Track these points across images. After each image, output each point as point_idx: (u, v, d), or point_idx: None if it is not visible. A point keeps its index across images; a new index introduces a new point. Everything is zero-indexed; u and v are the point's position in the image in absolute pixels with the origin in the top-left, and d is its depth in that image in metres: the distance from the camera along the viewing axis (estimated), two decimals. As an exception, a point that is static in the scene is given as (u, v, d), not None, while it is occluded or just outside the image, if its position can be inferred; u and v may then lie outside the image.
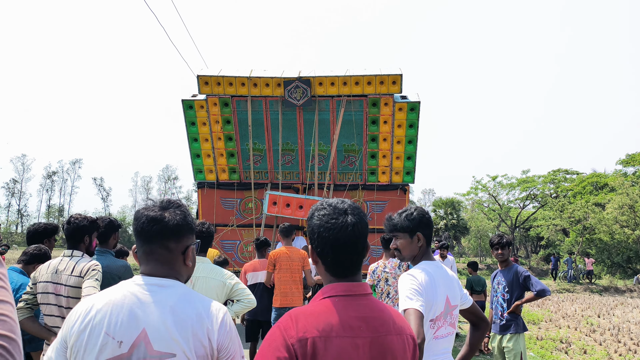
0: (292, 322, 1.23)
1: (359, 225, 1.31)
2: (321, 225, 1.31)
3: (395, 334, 1.29)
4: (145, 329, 1.28)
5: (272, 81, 7.16)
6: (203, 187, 8.31)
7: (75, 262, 2.90)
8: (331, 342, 1.20)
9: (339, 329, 1.22)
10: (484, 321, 2.27)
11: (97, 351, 1.26)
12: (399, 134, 7.42)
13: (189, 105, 7.66)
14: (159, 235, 1.37)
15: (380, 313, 1.30)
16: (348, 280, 1.32)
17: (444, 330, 2.08)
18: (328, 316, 1.24)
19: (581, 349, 8.65)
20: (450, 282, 2.13)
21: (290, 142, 7.86)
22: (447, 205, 38.27)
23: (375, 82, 7.00)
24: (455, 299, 2.12)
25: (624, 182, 25.02)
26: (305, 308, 1.28)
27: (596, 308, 14.97)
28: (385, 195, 7.93)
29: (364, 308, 1.28)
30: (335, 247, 1.29)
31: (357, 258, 1.32)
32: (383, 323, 1.28)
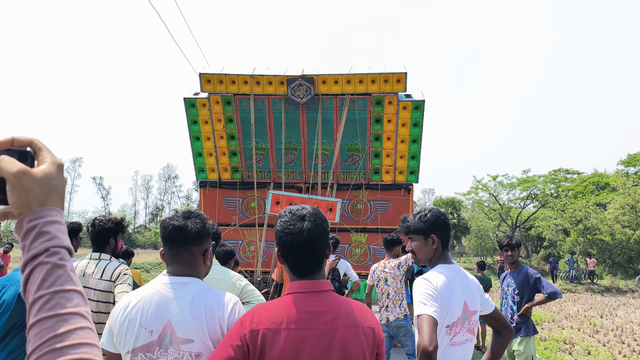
0: (249, 316, 1.40)
1: (315, 230, 1.45)
2: (282, 230, 1.48)
3: (348, 326, 1.39)
4: (170, 319, 1.57)
5: (275, 79, 7.08)
6: (205, 187, 8.24)
7: (104, 265, 2.86)
8: (280, 333, 1.35)
9: (289, 322, 1.36)
10: (507, 327, 2.18)
11: (134, 339, 1.57)
12: (403, 133, 7.34)
13: (190, 104, 7.59)
14: (183, 241, 1.66)
15: (335, 307, 1.41)
16: (307, 279, 1.47)
17: (462, 336, 2.02)
18: (282, 311, 1.39)
19: (585, 350, 8.63)
20: (469, 287, 2.06)
21: (293, 141, 7.79)
22: (447, 204, 38.27)
23: (379, 80, 6.92)
24: (474, 304, 2.06)
25: (626, 182, 25.00)
26: (266, 303, 1.46)
27: (598, 308, 15.02)
28: (389, 195, 7.85)
29: (318, 303, 1.41)
30: (293, 249, 1.45)
31: (314, 259, 1.47)
32: (336, 317, 1.39)
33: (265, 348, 1.33)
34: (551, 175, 33.96)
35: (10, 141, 0.70)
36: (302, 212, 1.49)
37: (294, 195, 7.33)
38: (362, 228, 7.83)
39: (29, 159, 0.70)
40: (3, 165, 0.67)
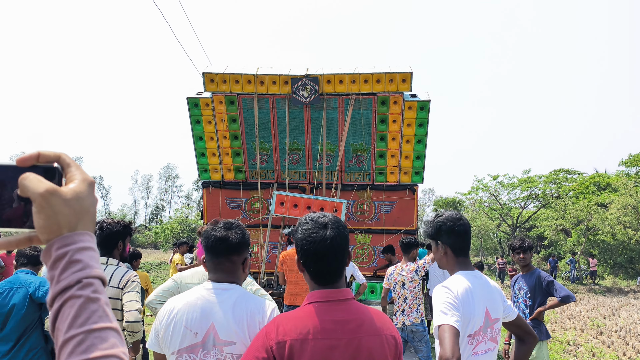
0: (274, 326, 1.39)
1: (338, 238, 1.45)
2: (303, 238, 1.47)
3: (372, 335, 1.39)
4: (213, 323, 1.68)
5: (279, 79, 7.02)
6: (208, 187, 8.19)
7: (111, 271, 2.76)
8: (307, 344, 1.33)
9: (315, 332, 1.35)
10: (530, 335, 2.11)
11: (179, 340, 1.67)
12: (408, 133, 7.28)
13: (194, 103, 7.53)
14: (224, 250, 1.78)
15: (358, 316, 1.41)
16: (329, 287, 1.46)
17: (484, 345, 1.96)
18: (306, 321, 1.38)
19: (590, 352, 8.61)
20: (490, 293, 2.00)
21: (298, 141, 7.73)
22: (448, 204, 38.33)
23: (384, 80, 6.86)
24: (496, 312, 2.00)
25: (628, 183, 24.96)
26: (288, 313, 1.45)
27: (601, 309, 14.99)
28: (394, 196, 7.79)
29: (341, 312, 1.40)
30: (316, 258, 1.44)
31: (336, 268, 1.46)
32: (360, 325, 1.39)
33: (293, 358, 1.32)
34: (552, 176, 33.97)
35: (36, 156, 0.63)
36: (324, 220, 1.48)
37: (298, 196, 7.27)
38: (366, 229, 7.78)
39: (57, 176, 0.63)
40: (29, 185, 0.59)
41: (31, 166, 0.62)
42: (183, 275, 2.81)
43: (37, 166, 0.63)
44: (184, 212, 46.46)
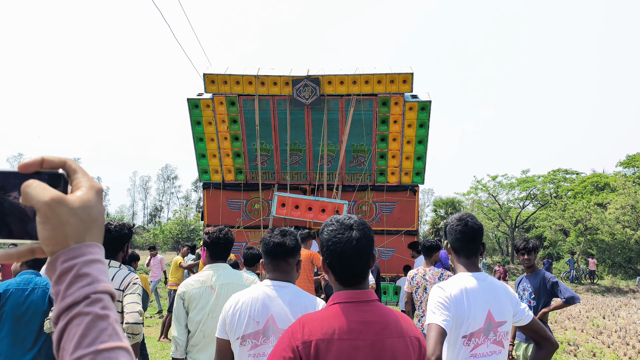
0: (299, 326, 1.40)
1: (363, 239, 1.46)
2: (329, 239, 1.48)
3: (396, 336, 1.40)
4: (272, 314, 1.99)
5: (280, 80, 7.03)
6: (209, 188, 8.19)
7: (113, 273, 2.75)
8: (333, 344, 1.35)
9: (341, 333, 1.36)
10: (548, 340, 2.03)
11: (244, 328, 1.98)
12: (409, 133, 7.30)
13: (194, 104, 7.53)
14: (282, 254, 2.10)
15: (383, 317, 1.42)
16: (354, 288, 1.47)
17: (486, 348, 1.94)
18: (332, 321, 1.39)
19: (590, 352, 8.57)
20: (496, 296, 1.97)
21: (298, 142, 7.73)
22: (447, 205, 38.20)
23: (385, 80, 6.88)
24: (501, 315, 1.96)
25: (626, 183, 25.05)
26: (314, 314, 1.48)
27: (600, 309, 14.89)
28: (395, 197, 7.81)
29: (366, 313, 1.42)
30: (342, 259, 1.45)
31: (361, 269, 1.47)
32: (385, 327, 1.40)
33: (319, 358, 1.34)
34: (550, 176, 34.04)
35: (40, 162, 0.58)
36: (350, 222, 1.49)
37: (299, 197, 7.27)
38: None
39: (62, 183, 0.58)
40: (33, 193, 0.55)
41: (34, 172, 0.58)
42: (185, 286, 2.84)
43: (41, 172, 0.58)
44: (183, 213, 46.32)
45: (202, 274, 2.86)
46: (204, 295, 2.79)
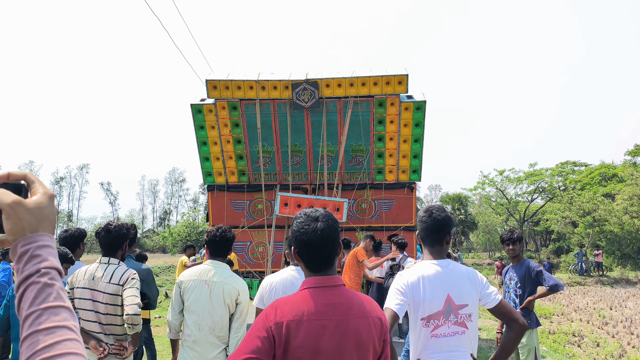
0: (272, 309, 1.55)
1: (327, 230, 1.62)
2: (297, 230, 1.64)
3: (360, 316, 1.56)
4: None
5: (280, 84, 7.22)
6: (213, 190, 8.38)
7: (112, 270, 2.98)
8: (302, 324, 1.50)
9: (309, 314, 1.52)
10: (517, 322, 2.14)
11: None
12: (406, 133, 7.47)
13: (197, 110, 7.73)
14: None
15: (348, 300, 1.58)
16: (321, 275, 1.62)
17: (447, 329, 2.09)
18: (301, 304, 1.54)
19: (594, 342, 8.60)
20: (457, 282, 2.12)
21: (299, 143, 7.93)
22: (454, 200, 38.11)
23: (381, 82, 7.05)
24: (461, 299, 2.11)
25: (634, 173, 24.76)
26: (286, 298, 1.61)
27: (608, 300, 14.83)
28: (393, 194, 7.99)
29: (333, 296, 1.57)
30: (308, 247, 1.61)
31: (327, 256, 1.63)
32: (350, 308, 1.56)
33: (289, 337, 1.48)
34: (558, 168, 33.76)
35: (7, 176, 0.78)
36: (316, 214, 1.65)
37: (301, 196, 7.47)
38: (367, 227, 7.98)
39: (23, 191, 0.77)
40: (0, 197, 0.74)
41: (2, 184, 0.76)
42: (183, 276, 3.06)
43: (8, 184, 0.77)
44: (191, 215, 46.54)
45: (201, 267, 3.05)
46: (198, 288, 2.95)
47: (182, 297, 3.00)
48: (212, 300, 2.91)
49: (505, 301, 2.19)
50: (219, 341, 2.93)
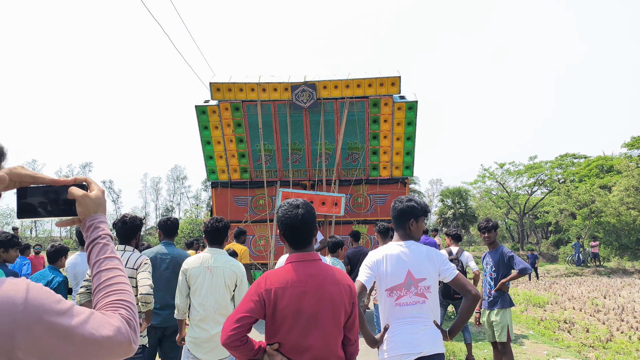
0: (263, 279, 1.95)
1: (307, 214, 2.01)
2: (282, 215, 2.03)
3: (333, 284, 1.97)
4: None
5: (280, 86, 7.63)
6: (216, 187, 8.77)
7: (128, 256, 3.40)
8: (287, 291, 1.89)
9: (292, 282, 1.90)
10: (469, 293, 2.49)
11: None
12: (398, 131, 7.90)
13: (202, 111, 8.13)
14: None
15: (323, 271, 1.98)
16: (301, 251, 2.02)
17: (409, 299, 2.48)
18: (286, 274, 1.93)
19: (584, 328, 8.70)
20: (417, 259, 2.52)
21: (298, 142, 8.36)
22: (454, 194, 38.20)
23: (375, 84, 7.47)
24: (420, 273, 2.49)
25: (629, 165, 24.97)
26: (274, 270, 2.00)
27: (603, 290, 14.85)
28: (387, 189, 8.43)
29: (311, 268, 1.96)
30: (291, 229, 2.00)
31: (306, 236, 2.02)
32: (325, 277, 1.96)
33: (277, 301, 1.89)
34: (558, 161, 33.84)
35: (74, 179, 1.16)
36: (297, 203, 2.05)
37: (302, 192, 7.90)
38: (363, 220, 8.42)
39: (85, 188, 1.16)
40: (74, 192, 1.12)
41: (72, 184, 1.14)
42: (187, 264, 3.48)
43: (76, 184, 1.15)
44: (194, 212, 46.71)
45: (202, 255, 3.49)
46: (202, 274, 3.39)
47: (188, 282, 3.42)
48: (214, 283, 3.35)
49: (460, 275, 2.54)
50: (223, 319, 3.35)
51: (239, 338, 1.85)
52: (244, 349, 1.87)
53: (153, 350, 3.96)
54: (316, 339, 1.89)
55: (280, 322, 1.90)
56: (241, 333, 1.86)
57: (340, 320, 1.95)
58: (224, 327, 1.91)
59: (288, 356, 1.90)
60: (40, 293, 0.85)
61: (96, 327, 0.89)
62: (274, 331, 1.92)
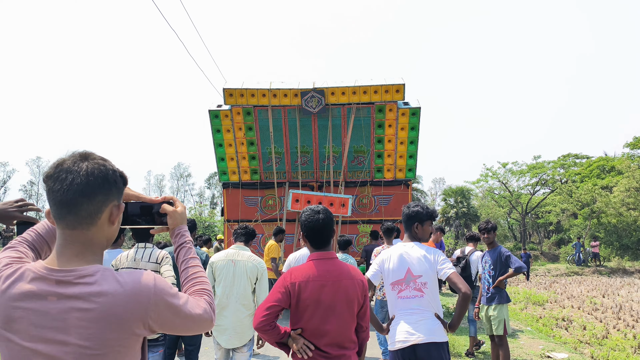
0: (289, 274, 2.26)
1: (326, 219, 2.35)
2: (305, 220, 2.36)
3: (348, 279, 2.28)
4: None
5: (290, 92, 8.03)
6: (228, 187, 9.15)
7: (149, 252, 3.75)
8: (309, 284, 2.20)
9: (313, 277, 2.21)
10: (460, 290, 2.76)
11: None
12: (402, 136, 8.31)
13: (215, 115, 8.53)
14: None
15: (339, 267, 2.30)
16: (321, 250, 2.34)
17: (408, 292, 2.84)
18: (308, 270, 2.25)
19: (581, 326, 8.80)
20: (416, 258, 2.88)
21: (307, 145, 8.75)
22: (457, 193, 38.31)
23: (381, 91, 7.86)
24: (417, 271, 2.85)
25: (630, 165, 25.08)
26: (298, 266, 2.31)
27: (602, 289, 14.93)
28: (391, 190, 8.84)
29: (329, 265, 2.29)
30: (313, 231, 2.33)
31: (325, 238, 2.35)
32: (341, 273, 2.28)
33: (300, 292, 2.21)
34: (560, 161, 33.87)
35: (164, 198, 1.48)
36: (318, 209, 2.39)
37: (311, 193, 8.29)
38: (367, 220, 8.83)
39: (172, 204, 1.49)
40: (167, 208, 1.45)
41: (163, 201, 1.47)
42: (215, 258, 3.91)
43: (165, 201, 1.47)
44: (197, 209, 46.89)
45: (229, 250, 3.96)
46: (226, 266, 3.84)
47: (214, 274, 3.85)
48: (237, 274, 3.78)
49: (454, 274, 2.79)
50: (244, 308, 3.77)
51: (268, 323, 2.17)
52: (272, 332, 2.19)
53: (176, 336, 4.34)
54: (333, 325, 2.20)
55: (303, 311, 2.20)
56: (270, 319, 2.17)
57: (353, 309, 2.28)
58: (255, 314, 2.23)
59: (309, 340, 2.22)
60: (162, 281, 1.22)
61: (192, 307, 1.27)
62: (297, 318, 2.24)
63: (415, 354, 2.72)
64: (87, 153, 1.24)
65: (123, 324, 1.11)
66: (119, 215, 1.26)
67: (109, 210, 1.21)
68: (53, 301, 1.11)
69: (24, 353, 1.10)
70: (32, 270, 1.14)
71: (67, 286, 1.12)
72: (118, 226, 1.27)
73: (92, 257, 1.19)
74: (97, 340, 1.09)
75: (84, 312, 1.10)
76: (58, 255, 1.17)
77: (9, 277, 1.14)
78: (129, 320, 1.12)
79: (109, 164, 1.27)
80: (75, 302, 1.10)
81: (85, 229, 1.17)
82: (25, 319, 1.10)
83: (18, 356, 1.11)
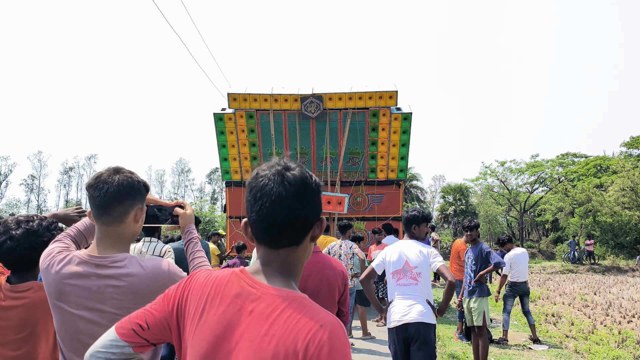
0: None
1: None
2: None
3: (330, 269, 2.66)
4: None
5: (291, 97, 8.53)
6: (230, 186, 9.66)
7: (154, 246, 4.12)
8: None
9: None
10: (447, 279, 3.25)
11: None
12: (395, 139, 8.83)
13: (219, 118, 9.04)
14: None
15: (322, 260, 2.69)
16: None
17: (406, 280, 3.37)
18: None
19: (569, 321, 8.91)
20: (412, 252, 3.40)
21: (305, 147, 9.27)
22: (455, 191, 38.44)
23: (375, 97, 8.37)
24: (413, 263, 3.36)
25: (625, 165, 25.23)
26: None
27: (594, 286, 14.91)
28: (383, 190, 9.37)
29: (314, 257, 2.64)
30: None
31: None
32: (324, 265, 2.66)
33: None
34: (559, 160, 34.02)
35: (176, 202, 1.79)
36: None
37: None
38: (361, 217, 9.33)
39: (182, 207, 1.79)
40: (179, 211, 1.75)
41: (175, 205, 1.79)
42: None
43: (178, 205, 1.79)
44: (198, 205, 47.17)
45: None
46: None
47: None
48: None
49: (442, 266, 3.30)
50: None
51: None
52: None
53: None
54: None
55: None
56: None
57: (335, 296, 2.71)
58: None
59: None
60: (174, 267, 1.55)
61: None
62: None
63: (407, 331, 3.20)
64: (118, 168, 1.56)
65: (144, 297, 1.40)
66: (143, 216, 1.59)
67: (134, 212, 1.54)
68: (93, 279, 1.43)
69: (71, 318, 1.43)
70: (78, 256, 1.47)
71: (103, 268, 1.44)
72: (141, 224, 1.59)
73: (122, 247, 1.52)
74: (126, 309, 1.39)
75: (116, 288, 1.43)
76: (97, 245, 1.50)
77: (61, 261, 1.47)
78: (148, 294, 1.40)
79: (135, 176, 1.57)
80: (110, 280, 1.43)
81: (116, 226, 1.50)
82: (73, 293, 1.43)
83: (67, 320, 1.44)
